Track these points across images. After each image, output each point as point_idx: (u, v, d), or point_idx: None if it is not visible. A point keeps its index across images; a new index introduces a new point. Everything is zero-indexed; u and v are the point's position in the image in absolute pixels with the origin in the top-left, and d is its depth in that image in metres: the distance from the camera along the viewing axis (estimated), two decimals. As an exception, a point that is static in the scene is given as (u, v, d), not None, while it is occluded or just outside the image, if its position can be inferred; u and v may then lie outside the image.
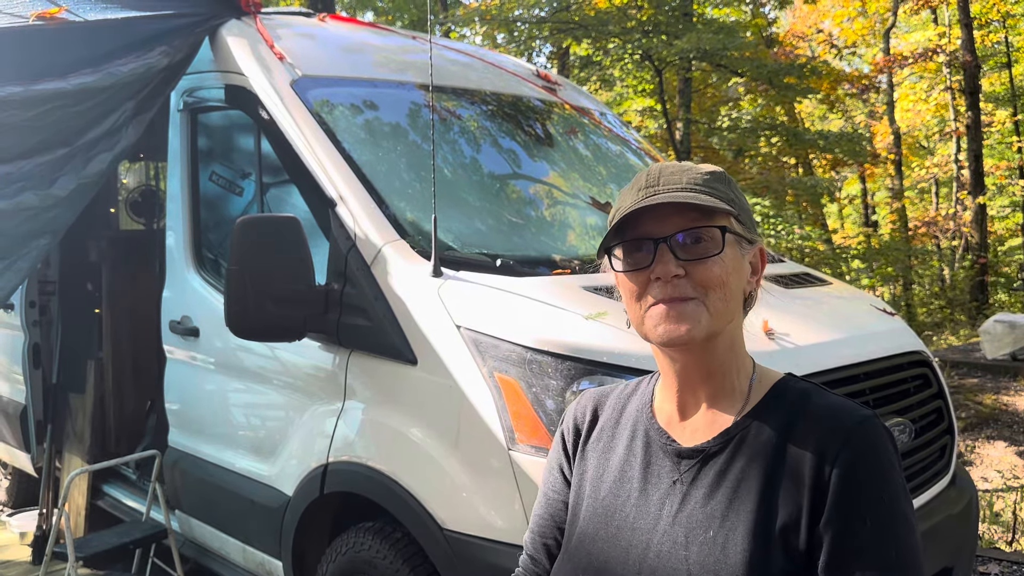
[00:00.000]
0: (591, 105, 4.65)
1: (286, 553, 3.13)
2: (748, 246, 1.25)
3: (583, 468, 1.36)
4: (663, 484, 1.24)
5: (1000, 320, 10.20)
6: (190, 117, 3.75)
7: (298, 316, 2.86)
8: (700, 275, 1.19)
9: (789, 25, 22.94)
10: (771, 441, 1.19)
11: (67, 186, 3.09)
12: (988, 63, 21.14)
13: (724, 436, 1.22)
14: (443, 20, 15.23)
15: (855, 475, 1.14)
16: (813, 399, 1.23)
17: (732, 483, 1.18)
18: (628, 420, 1.35)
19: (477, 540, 2.49)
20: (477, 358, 2.57)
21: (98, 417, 4.72)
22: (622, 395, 1.41)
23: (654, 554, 1.20)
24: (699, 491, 1.20)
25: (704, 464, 1.22)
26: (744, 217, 1.25)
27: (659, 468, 1.26)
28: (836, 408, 1.21)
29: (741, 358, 1.27)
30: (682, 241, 1.19)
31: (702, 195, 1.20)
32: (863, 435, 1.17)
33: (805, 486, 1.15)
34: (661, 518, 1.22)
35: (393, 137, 3.51)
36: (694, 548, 1.17)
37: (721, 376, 1.25)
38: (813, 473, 1.15)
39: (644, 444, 1.29)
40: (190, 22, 3.50)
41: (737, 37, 13.10)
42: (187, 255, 3.70)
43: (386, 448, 2.77)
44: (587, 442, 1.38)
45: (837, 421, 1.18)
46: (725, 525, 1.16)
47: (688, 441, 1.25)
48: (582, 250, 3.33)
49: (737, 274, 1.22)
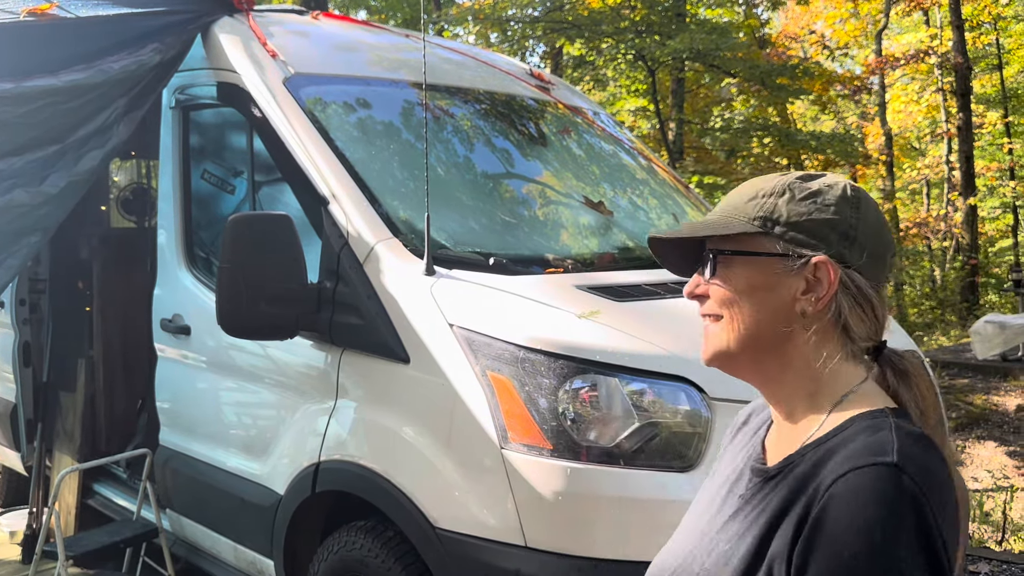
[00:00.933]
0: (584, 104, 4.65)
1: (278, 552, 3.12)
2: (791, 260, 1.16)
3: (719, 463, 1.39)
4: (736, 495, 1.24)
5: (990, 321, 10.24)
6: (182, 115, 3.73)
7: (290, 314, 2.86)
8: (712, 295, 1.23)
9: (782, 26, 23.00)
10: (806, 473, 1.12)
11: (58, 183, 3.07)
12: (979, 65, 21.22)
13: (785, 461, 1.18)
14: (437, 19, 15.21)
15: (826, 520, 1.03)
16: (858, 439, 1.10)
17: (764, 507, 1.16)
18: (759, 427, 1.34)
19: (469, 539, 2.49)
20: (470, 357, 2.56)
21: (89, 416, 4.70)
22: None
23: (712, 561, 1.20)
24: (748, 510, 1.19)
25: (764, 485, 1.19)
26: (790, 230, 1.17)
27: (742, 479, 1.26)
28: (863, 447, 1.08)
29: (822, 382, 1.18)
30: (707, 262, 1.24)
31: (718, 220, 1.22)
32: (859, 477, 1.04)
33: (793, 524, 1.09)
34: (715, 525, 1.23)
35: (386, 135, 3.51)
36: (712, 556, 1.19)
37: (787, 399, 1.21)
38: (802, 511, 1.08)
39: (747, 455, 1.29)
40: (182, 19, 3.48)
41: (730, 38, 13.14)
42: (178, 253, 3.68)
43: (378, 447, 2.76)
44: (731, 441, 1.40)
45: (847, 461, 1.07)
46: (737, 543, 1.16)
47: (771, 459, 1.23)
48: (575, 249, 3.33)
49: (759, 293, 1.17)
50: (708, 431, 2.48)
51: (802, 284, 1.16)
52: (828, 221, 1.17)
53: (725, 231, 1.19)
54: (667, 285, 2.99)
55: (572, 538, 2.40)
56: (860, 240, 1.17)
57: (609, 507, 2.42)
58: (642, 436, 2.44)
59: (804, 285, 1.16)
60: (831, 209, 1.18)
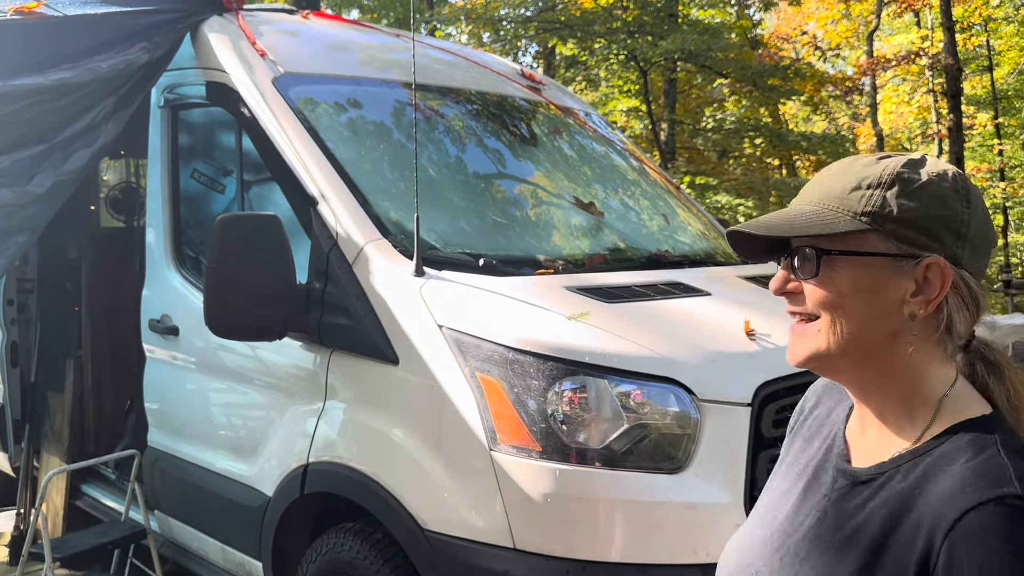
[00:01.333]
0: (576, 105, 4.64)
1: (266, 554, 3.10)
2: (900, 260, 1.10)
3: (789, 448, 1.34)
4: (818, 493, 1.20)
5: (981, 321, 10.27)
6: (171, 114, 3.71)
7: (278, 315, 2.84)
8: (807, 295, 1.14)
9: (774, 27, 23.04)
10: (907, 491, 1.07)
11: (45, 183, 3.05)
12: (970, 66, 21.31)
13: (878, 468, 1.13)
14: (429, 18, 15.19)
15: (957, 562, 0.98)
16: (969, 453, 1.05)
17: (862, 520, 1.11)
18: (834, 417, 1.29)
19: (458, 541, 2.48)
20: (459, 358, 2.55)
21: (77, 416, 4.67)
22: (842, 390, 1.31)
23: (780, 556, 1.18)
24: (837, 514, 1.14)
25: (852, 489, 1.15)
26: (901, 227, 1.09)
27: (824, 476, 1.21)
28: (978, 473, 1.03)
29: (917, 384, 1.13)
30: (797, 259, 1.14)
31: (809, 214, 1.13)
32: (986, 515, 0.98)
33: (913, 555, 1.03)
34: (802, 526, 1.18)
35: (376, 135, 3.50)
36: (807, 567, 1.13)
37: (884, 401, 1.15)
38: (924, 545, 1.02)
39: (828, 447, 1.24)
40: (171, 18, 3.47)
41: (722, 38, 13.17)
42: (167, 253, 3.66)
43: (367, 448, 2.75)
44: (802, 426, 1.35)
45: (967, 490, 1.01)
46: (836, 556, 1.11)
47: (857, 459, 1.19)
48: (566, 250, 3.33)
49: (864, 295, 1.11)
50: (697, 433, 2.47)
51: (912, 285, 1.10)
52: (941, 218, 1.10)
53: (831, 229, 1.10)
54: (657, 286, 2.98)
55: (561, 540, 2.40)
56: (971, 238, 1.11)
57: (598, 509, 2.41)
58: (631, 438, 2.43)
59: (914, 286, 1.10)
60: (943, 203, 1.10)
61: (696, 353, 2.58)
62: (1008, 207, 21.76)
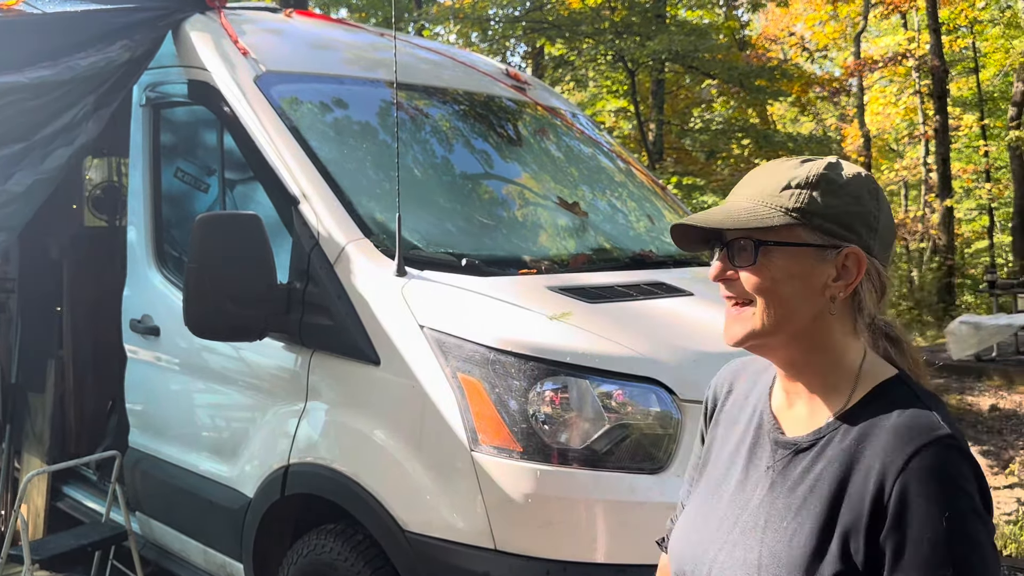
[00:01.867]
0: (561, 105, 4.64)
1: (247, 555, 3.08)
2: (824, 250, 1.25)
3: (714, 433, 1.45)
4: (760, 467, 1.32)
5: (965, 321, 10.34)
6: (153, 112, 3.69)
7: (259, 315, 2.82)
8: (745, 281, 1.27)
9: (762, 28, 23.11)
10: (851, 446, 1.22)
11: (24, 182, 3.03)
12: (956, 68, 21.43)
13: (816, 434, 1.27)
14: (417, 18, 15.17)
15: (912, 497, 1.15)
16: (902, 407, 1.23)
17: (812, 481, 1.24)
18: (753, 397, 1.42)
19: (439, 542, 2.47)
20: (440, 358, 2.54)
21: (58, 417, 4.64)
22: (757, 370, 1.46)
23: (739, 530, 1.28)
24: (785, 482, 1.27)
25: (794, 457, 1.28)
26: (825, 221, 1.25)
27: (762, 451, 1.33)
28: (912, 423, 1.20)
29: (833, 356, 1.28)
30: (733, 248, 1.28)
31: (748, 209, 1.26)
32: (929, 456, 1.16)
33: (867, 499, 1.18)
34: (751, 500, 1.30)
35: (360, 135, 3.48)
36: (769, 533, 1.25)
37: (811, 375, 1.30)
38: (875, 488, 1.17)
39: (757, 425, 1.37)
40: (153, 16, 3.44)
41: (709, 39, 13.18)
42: (148, 252, 3.64)
43: (348, 449, 2.74)
44: (721, 411, 1.46)
45: (907, 437, 1.18)
46: (796, 519, 1.23)
47: (790, 430, 1.32)
48: (549, 251, 3.32)
49: (795, 280, 1.25)
50: (678, 433, 2.47)
51: (833, 272, 1.26)
52: (857, 214, 1.27)
53: (767, 223, 1.25)
54: (640, 286, 2.98)
55: (542, 541, 2.39)
56: (880, 230, 1.28)
57: (579, 509, 2.40)
58: (612, 438, 2.43)
59: (835, 273, 1.26)
60: (859, 201, 1.27)
61: (678, 353, 2.58)
62: (994, 208, 21.90)
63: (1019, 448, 7.71)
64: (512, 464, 2.40)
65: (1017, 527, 5.54)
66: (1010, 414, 8.60)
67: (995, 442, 7.90)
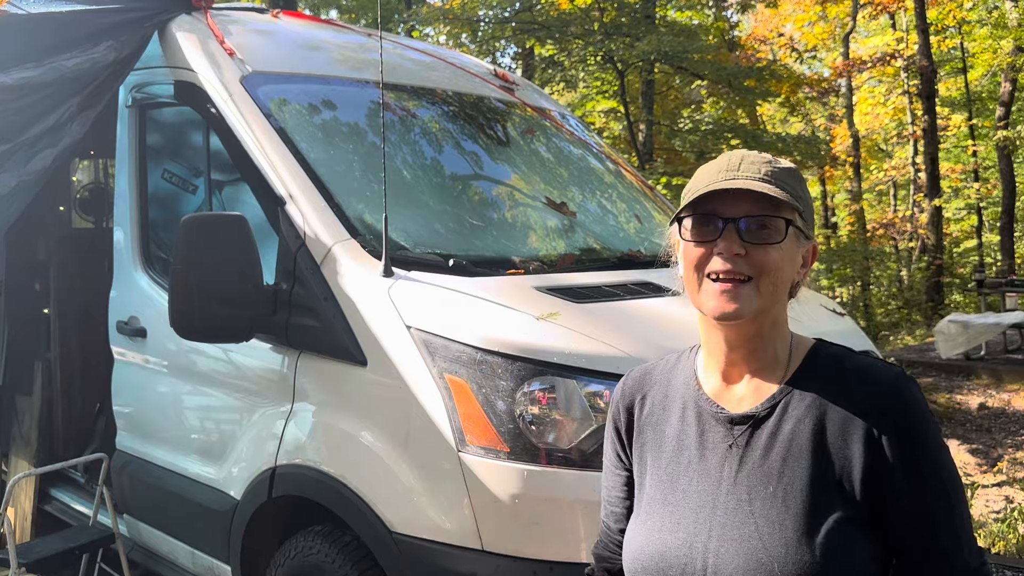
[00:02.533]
0: (549, 106, 4.64)
1: (234, 558, 3.07)
2: (805, 241, 1.38)
3: (642, 442, 1.48)
4: (719, 449, 1.37)
5: (954, 320, 10.38)
6: (139, 113, 3.67)
7: (245, 317, 2.81)
8: (759, 258, 1.31)
9: (751, 29, 23.17)
10: (815, 402, 1.33)
11: (8, 183, 3.01)
12: (944, 68, 21.53)
13: (771, 401, 1.36)
14: (406, 19, 15.15)
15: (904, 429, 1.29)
16: (845, 362, 1.37)
17: (784, 443, 1.32)
18: (676, 393, 1.46)
19: (426, 543, 2.47)
20: (427, 359, 2.54)
21: (46, 419, 4.61)
22: (664, 370, 1.53)
23: (721, 511, 1.32)
24: (755, 452, 1.33)
25: (756, 428, 1.35)
26: (807, 215, 1.37)
27: (713, 435, 1.38)
28: (869, 369, 1.35)
29: (782, 332, 1.40)
30: (746, 226, 1.32)
31: (776, 188, 1.31)
32: (900, 390, 1.32)
33: (855, 440, 1.29)
34: (723, 479, 1.34)
35: (347, 135, 3.47)
36: (757, 503, 1.30)
37: (763, 349, 1.38)
38: (860, 430, 1.29)
39: (696, 414, 1.41)
40: (138, 17, 3.43)
41: (698, 40, 13.20)
42: (134, 254, 3.62)
43: (335, 451, 2.73)
44: (640, 418, 1.50)
45: (873, 381, 1.33)
46: (783, 480, 1.29)
47: (736, 408, 1.38)
48: (537, 251, 3.31)
49: (791, 264, 1.35)
50: (666, 433, 2.47)
51: (801, 259, 1.39)
52: (811, 207, 1.42)
53: (793, 206, 1.33)
54: (627, 286, 2.98)
55: (529, 541, 2.39)
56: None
57: (566, 509, 2.40)
58: (600, 438, 2.42)
59: (802, 260, 1.39)
60: (809, 195, 1.41)
61: (665, 352, 2.56)
62: (982, 207, 22.00)
63: (1007, 446, 7.75)
64: (499, 464, 2.40)
65: (1005, 525, 5.56)
66: (998, 413, 8.64)
67: (984, 440, 7.93)
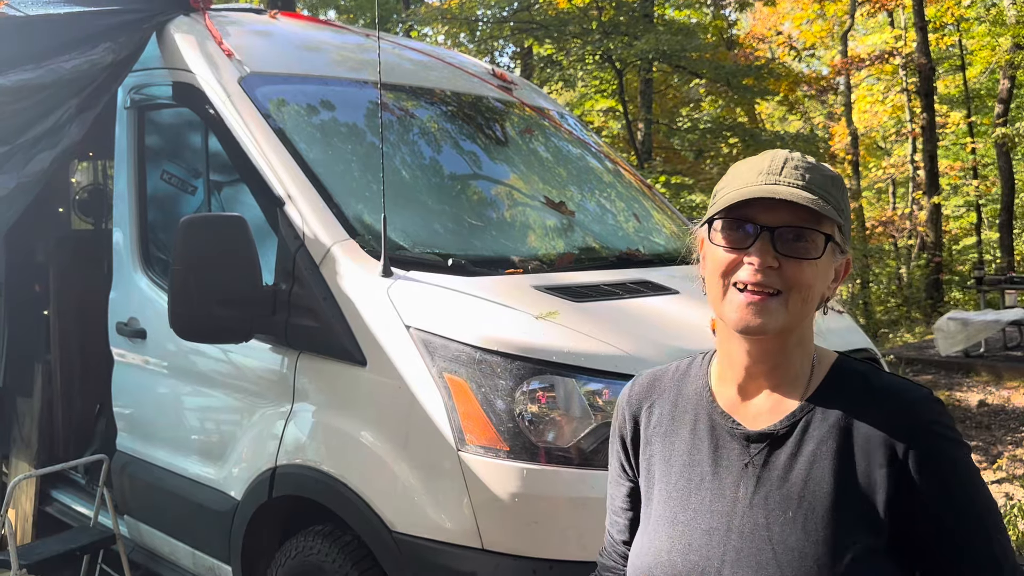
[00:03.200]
0: (548, 105, 4.64)
1: (235, 558, 3.08)
2: (840, 255, 1.29)
3: (649, 453, 1.40)
4: (735, 467, 1.28)
5: (953, 318, 10.38)
6: (137, 114, 3.67)
7: (244, 317, 2.82)
8: (792, 273, 1.23)
9: (749, 27, 23.17)
10: (838, 422, 1.25)
11: (7, 185, 3.01)
12: (943, 66, 21.53)
13: (791, 419, 1.27)
14: (405, 19, 15.15)
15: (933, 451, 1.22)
16: (872, 379, 1.29)
17: (805, 464, 1.24)
18: (688, 404, 1.38)
19: (426, 542, 2.47)
20: (426, 358, 2.54)
21: (46, 421, 4.62)
22: (675, 378, 1.44)
23: (736, 535, 1.24)
24: (773, 473, 1.25)
25: (774, 447, 1.27)
26: (846, 228, 1.28)
27: (728, 452, 1.30)
28: (898, 388, 1.27)
29: (806, 346, 1.31)
30: (783, 237, 1.23)
31: (819, 199, 1.22)
32: (929, 412, 1.24)
33: (879, 464, 1.21)
34: (738, 500, 1.26)
35: (346, 136, 3.48)
36: (776, 528, 1.22)
37: (785, 364, 1.30)
38: (887, 452, 1.21)
39: (709, 428, 1.33)
40: (136, 18, 3.43)
41: (696, 39, 13.21)
42: (134, 255, 3.62)
43: (335, 450, 2.73)
44: (648, 427, 1.42)
45: (902, 401, 1.25)
46: (803, 505, 1.21)
47: (753, 424, 1.30)
48: (536, 250, 3.32)
49: (824, 279, 1.27)
50: (665, 431, 2.47)
51: (833, 273, 1.30)
52: (850, 219, 1.31)
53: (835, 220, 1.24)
54: (626, 285, 2.99)
55: (529, 540, 2.39)
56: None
57: (566, 508, 2.41)
58: (599, 436, 2.43)
59: (834, 274, 1.30)
60: (849, 207, 1.30)
61: (664, 351, 2.58)
62: (981, 205, 22.00)
63: (1007, 444, 7.75)
64: (499, 463, 2.41)
65: (1005, 521, 5.57)
66: (998, 410, 8.64)
67: (983, 437, 7.94)
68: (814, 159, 1.29)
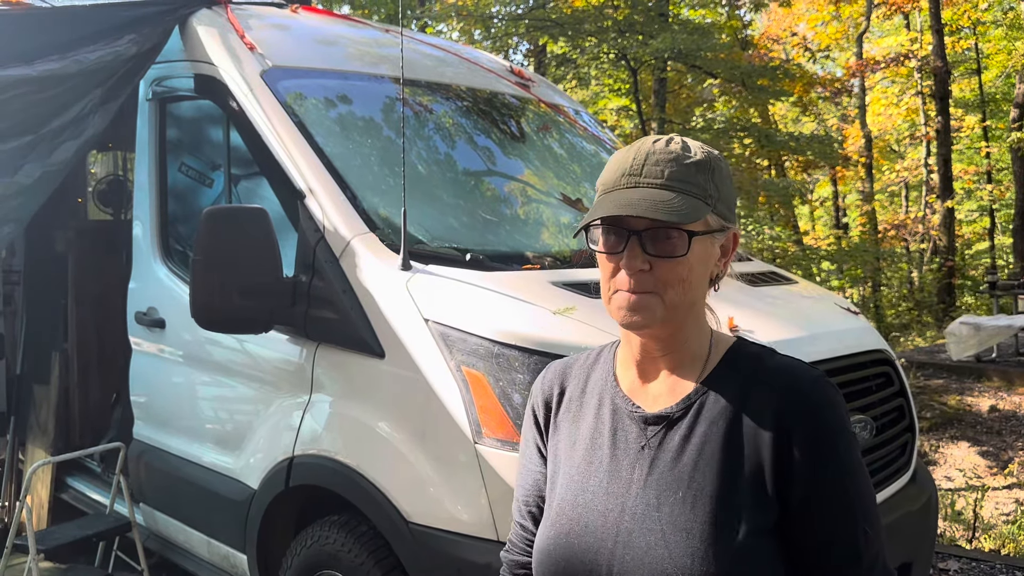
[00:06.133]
0: (565, 103, 4.66)
1: (251, 547, 3.11)
2: (720, 234, 1.30)
3: (556, 438, 1.42)
4: (632, 450, 1.31)
5: (965, 322, 10.34)
6: (159, 106, 3.71)
7: (264, 308, 2.85)
8: (663, 272, 1.25)
9: (764, 28, 23.11)
10: (731, 404, 1.27)
11: (32, 174, 3.05)
12: (958, 69, 21.44)
13: (686, 401, 1.30)
14: (420, 15, 15.17)
15: (816, 431, 1.23)
16: (766, 361, 1.31)
17: (697, 446, 1.26)
18: (594, 389, 1.41)
19: (442, 533, 2.49)
20: (445, 352, 2.57)
21: (63, 408, 4.66)
22: (585, 365, 1.46)
23: (629, 516, 1.26)
24: (666, 455, 1.27)
25: (669, 429, 1.29)
26: (722, 206, 1.29)
27: (626, 434, 1.32)
28: (789, 369, 1.30)
29: (700, 328, 1.34)
30: (654, 237, 1.24)
31: (678, 196, 1.23)
32: (819, 393, 1.26)
33: (767, 443, 1.23)
34: (633, 482, 1.28)
35: (365, 130, 3.50)
36: (665, 509, 1.24)
37: (679, 348, 1.32)
38: (775, 431, 1.23)
39: (611, 411, 1.36)
40: (160, 11, 3.46)
41: (711, 38, 13.18)
42: (154, 246, 3.66)
43: (352, 441, 2.76)
44: (557, 413, 1.44)
45: (792, 381, 1.27)
46: (692, 486, 1.23)
47: (652, 407, 1.32)
48: (553, 246, 3.34)
49: (702, 265, 1.28)
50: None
51: (718, 251, 1.32)
52: (733, 194, 1.34)
53: (700, 215, 1.24)
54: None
55: (544, 533, 2.41)
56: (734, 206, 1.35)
57: (581, 502, 2.42)
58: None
59: (719, 252, 1.32)
60: (731, 181, 1.33)
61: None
62: (995, 209, 21.91)
63: (1018, 449, 7.73)
64: (515, 456, 2.42)
65: (1016, 527, 5.56)
66: (1009, 415, 8.62)
67: (994, 443, 7.92)
68: (683, 140, 1.29)
